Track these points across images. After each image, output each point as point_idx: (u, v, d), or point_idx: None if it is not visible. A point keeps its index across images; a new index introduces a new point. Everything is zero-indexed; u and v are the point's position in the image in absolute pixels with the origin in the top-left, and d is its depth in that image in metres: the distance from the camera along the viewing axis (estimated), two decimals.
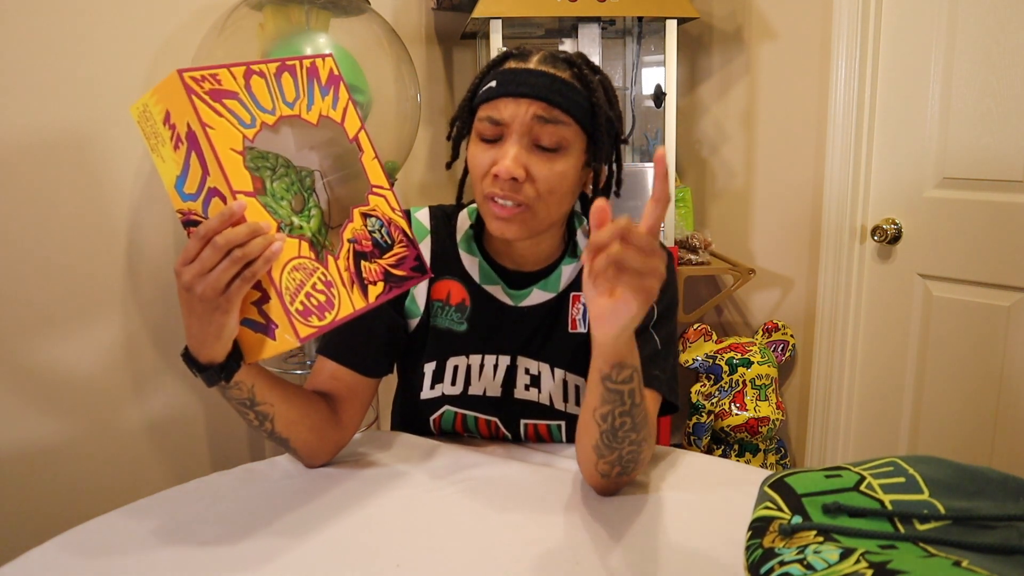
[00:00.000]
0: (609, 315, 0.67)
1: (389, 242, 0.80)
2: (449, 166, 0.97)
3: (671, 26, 1.85)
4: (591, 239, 0.64)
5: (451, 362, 0.97)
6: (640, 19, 2.01)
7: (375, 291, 0.77)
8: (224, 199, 0.67)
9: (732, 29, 2.16)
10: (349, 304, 0.74)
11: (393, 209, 0.82)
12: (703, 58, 2.23)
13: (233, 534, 0.77)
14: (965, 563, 0.47)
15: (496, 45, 1.79)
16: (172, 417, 1.82)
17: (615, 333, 0.70)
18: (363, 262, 0.77)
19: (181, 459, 1.86)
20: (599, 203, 0.65)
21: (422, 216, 1.01)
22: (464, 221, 1.00)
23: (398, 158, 1.73)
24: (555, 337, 0.95)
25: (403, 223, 0.82)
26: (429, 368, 0.97)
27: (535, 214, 0.87)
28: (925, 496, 0.57)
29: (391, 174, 1.73)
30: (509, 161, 0.84)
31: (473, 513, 0.81)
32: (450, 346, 0.96)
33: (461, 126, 0.93)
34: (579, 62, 0.89)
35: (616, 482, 0.83)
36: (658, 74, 2.04)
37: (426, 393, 0.98)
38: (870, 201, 1.91)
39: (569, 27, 2.01)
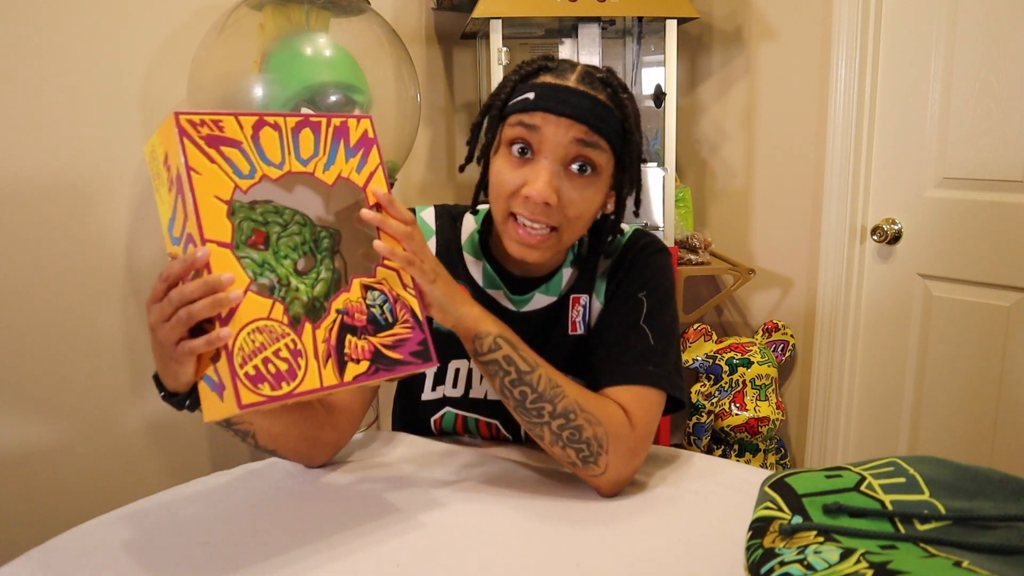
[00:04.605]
0: (432, 305, 0.77)
1: (390, 320, 0.73)
2: (463, 169, 0.95)
3: (671, 26, 1.85)
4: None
5: (452, 365, 0.97)
6: (640, 19, 2.01)
7: (355, 370, 0.69)
8: (196, 247, 0.65)
9: (732, 29, 2.16)
10: (316, 379, 0.67)
11: (405, 286, 0.75)
12: (703, 58, 2.23)
13: (233, 534, 0.77)
14: (966, 563, 0.47)
15: (496, 45, 1.79)
16: (172, 417, 1.82)
17: (449, 320, 0.79)
18: (349, 336, 0.69)
19: (181, 459, 1.86)
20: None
21: (427, 215, 1.00)
22: (470, 224, 0.99)
23: (398, 158, 1.73)
24: (554, 340, 0.95)
25: (414, 303, 0.75)
26: (430, 370, 0.97)
27: (560, 238, 0.86)
28: (925, 496, 0.57)
29: (391, 174, 1.73)
30: (543, 185, 0.82)
31: (473, 513, 0.81)
32: (452, 349, 0.96)
33: (491, 136, 0.89)
34: (614, 82, 0.86)
35: (592, 473, 0.83)
36: (658, 74, 2.04)
37: (427, 395, 0.98)
38: (870, 201, 1.91)
39: (569, 27, 2.01)
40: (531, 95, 0.84)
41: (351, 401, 0.93)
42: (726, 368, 2.06)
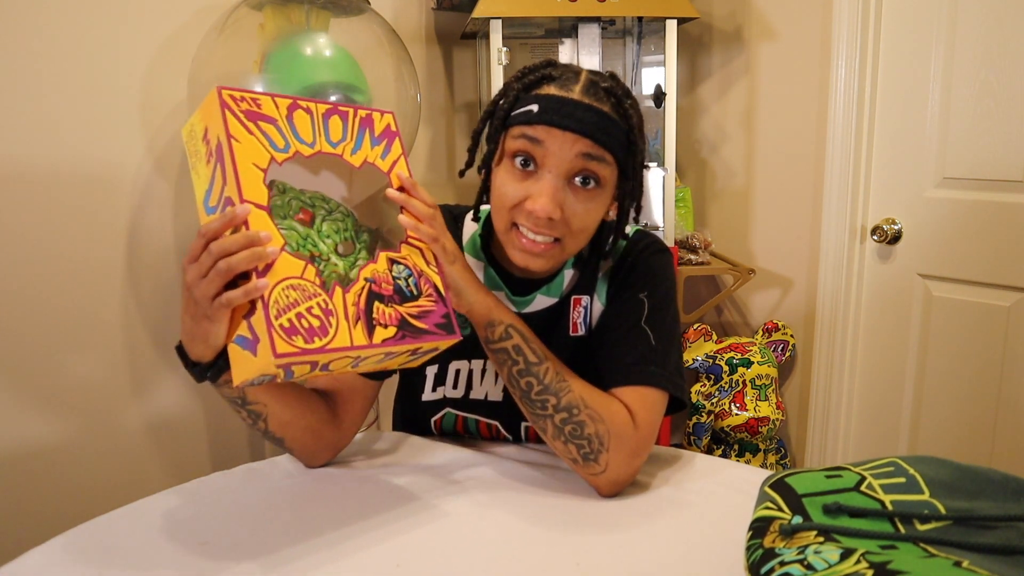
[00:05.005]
0: (450, 287, 0.78)
1: (415, 293, 0.75)
2: (463, 174, 0.96)
3: (671, 26, 1.85)
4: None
5: (453, 365, 0.97)
6: (640, 19, 2.01)
7: (383, 333, 0.71)
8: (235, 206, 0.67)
9: (732, 29, 2.16)
10: (347, 337, 0.68)
11: (428, 263, 0.77)
12: (703, 58, 2.23)
13: (233, 534, 0.77)
14: (966, 563, 0.47)
15: (496, 45, 1.79)
16: (172, 417, 1.82)
17: (464, 305, 0.80)
18: (377, 303, 0.72)
19: (181, 459, 1.86)
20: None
21: None
22: (471, 225, 0.99)
23: None
24: (555, 341, 0.95)
25: (436, 279, 0.77)
26: (431, 371, 0.97)
27: (564, 249, 0.87)
28: (926, 496, 0.57)
29: None
30: (546, 200, 0.81)
31: (473, 513, 0.81)
32: (452, 349, 0.96)
33: (492, 145, 0.88)
34: (618, 92, 0.85)
35: (592, 471, 0.83)
36: (658, 74, 2.04)
37: (427, 395, 0.98)
38: (870, 201, 1.91)
39: (569, 27, 2.01)
40: (535, 107, 0.83)
41: (354, 400, 0.93)
42: (726, 368, 2.06)
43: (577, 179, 0.84)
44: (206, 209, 0.71)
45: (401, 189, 0.77)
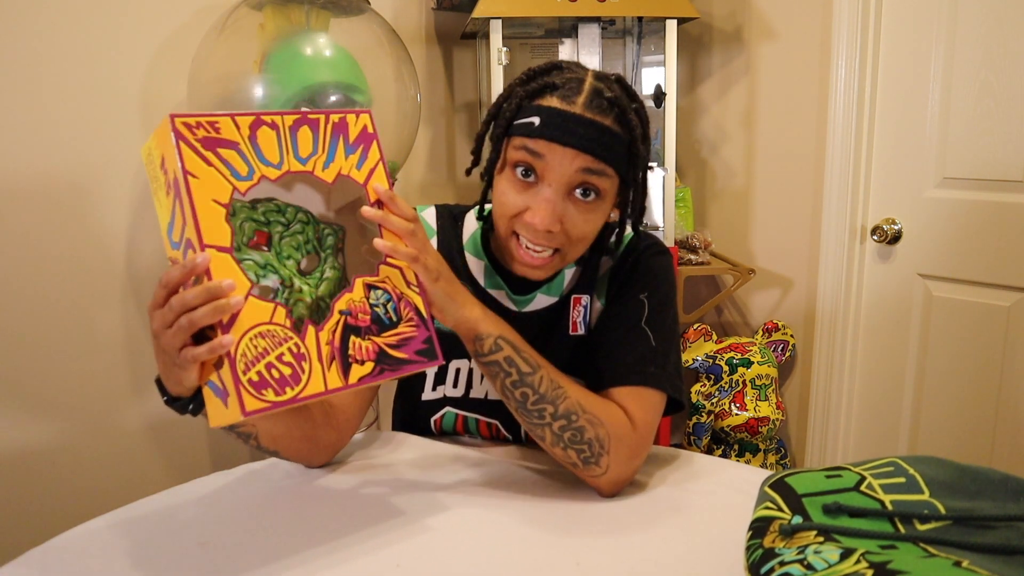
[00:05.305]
0: (434, 304, 0.76)
1: (394, 319, 0.72)
2: (469, 172, 0.95)
3: (671, 26, 1.85)
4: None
5: (453, 364, 0.97)
6: (640, 19, 2.01)
7: (359, 371, 0.68)
8: (195, 252, 0.64)
9: (732, 29, 2.16)
10: (320, 383, 0.66)
11: (409, 284, 0.74)
12: (703, 58, 2.23)
13: (233, 534, 0.77)
14: (965, 563, 0.47)
15: (496, 45, 1.79)
16: (172, 417, 1.82)
17: (450, 321, 0.78)
18: (353, 337, 0.69)
19: (181, 459, 1.86)
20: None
21: (428, 215, 1.00)
22: (472, 224, 0.99)
23: (398, 158, 1.73)
24: (555, 340, 0.95)
25: (418, 301, 0.74)
26: (431, 370, 0.97)
27: (564, 258, 0.87)
28: (925, 496, 0.57)
29: (391, 174, 1.72)
30: (545, 214, 0.82)
31: (473, 514, 0.81)
32: (453, 348, 0.96)
33: (495, 150, 0.88)
34: (622, 101, 0.83)
35: (593, 473, 0.83)
36: (658, 74, 2.04)
37: (428, 394, 0.98)
38: (870, 201, 1.91)
39: (569, 27, 2.01)
40: (536, 120, 0.82)
41: (351, 402, 0.93)
42: (726, 368, 2.06)
43: (577, 191, 0.84)
44: (171, 243, 0.68)
45: (378, 203, 0.74)
